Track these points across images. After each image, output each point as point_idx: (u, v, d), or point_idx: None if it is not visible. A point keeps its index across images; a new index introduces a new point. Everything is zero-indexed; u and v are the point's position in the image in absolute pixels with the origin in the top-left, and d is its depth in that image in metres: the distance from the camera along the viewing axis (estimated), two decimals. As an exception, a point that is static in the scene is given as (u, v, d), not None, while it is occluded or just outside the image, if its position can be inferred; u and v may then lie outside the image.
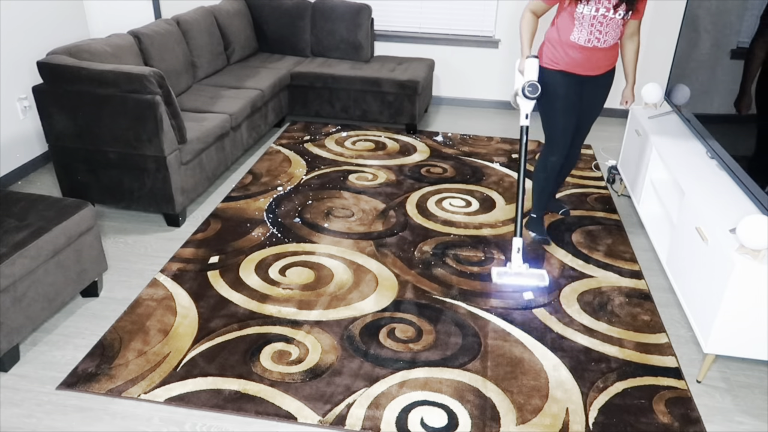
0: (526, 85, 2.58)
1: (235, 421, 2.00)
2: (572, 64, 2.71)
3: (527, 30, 2.70)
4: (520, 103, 2.70)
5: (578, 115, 2.88)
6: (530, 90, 2.58)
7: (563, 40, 2.67)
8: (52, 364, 2.23)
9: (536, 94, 2.59)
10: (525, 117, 2.71)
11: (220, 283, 2.69)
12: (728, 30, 2.63)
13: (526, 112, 2.71)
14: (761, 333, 2.06)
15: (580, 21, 2.59)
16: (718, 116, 2.66)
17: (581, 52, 2.67)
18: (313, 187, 3.60)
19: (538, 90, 2.59)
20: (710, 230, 2.19)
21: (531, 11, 2.69)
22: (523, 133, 2.72)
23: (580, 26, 2.60)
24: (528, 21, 2.69)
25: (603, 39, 2.64)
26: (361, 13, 4.57)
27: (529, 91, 2.59)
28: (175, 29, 3.84)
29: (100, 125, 2.92)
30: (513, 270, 2.73)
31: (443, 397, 2.09)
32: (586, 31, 2.61)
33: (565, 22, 2.64)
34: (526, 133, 2.72)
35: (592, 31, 2.60)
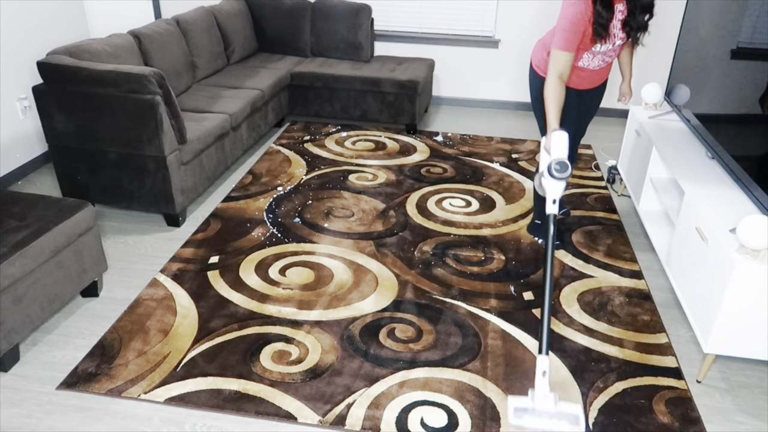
0: (554, 164, 2.06)
1: (235, 421, 2.00)
2: (577, 83, 2.68)
3: (557, 101, 2.35)
4: (546, 185, 2.14)
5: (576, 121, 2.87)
6: (558, 169, 2.06)
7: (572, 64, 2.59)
8: (52, 364, 2.23)
9: (566, 174, 2.07)
10: (552, 202, 2.13)
11: (220, 283, 2.69)
12: (728, 30, 2.63)
13: (554, 197, 2.12)
14: (761, 333, 2.06)
15: (593, 53, 2.54)
16: (718, 116, 2.66)
17: (589, 73, 2.65)
18: (313, 187, 3.60)
19: (569, 169, 2.07)
20: (710, 230, 2.19)
21: (559, 76, 2.37)
22: (551, 223, 2.11)
23: (591, 56, 2.55)
24: (558, 90, 2.36)
25: (609, 61, 2.64)
26: (361, 13, 4.57)
27: (557, 170, 2.06)
28: (175, 29, 3.84)
29: (100, 125, 2.92)
30: (537, 406, 1.89)
31: (443, 397, 2.09)
32: (598, 59, 2.58)
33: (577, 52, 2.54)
34: (553, 222, 2.11)
35: (604, 58, 2.59)
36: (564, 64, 2.38)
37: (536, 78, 2.76)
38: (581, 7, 2.33)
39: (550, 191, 2.14)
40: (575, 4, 2.33)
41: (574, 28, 2.35)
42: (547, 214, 2.13)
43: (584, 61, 2.58)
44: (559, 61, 2.38)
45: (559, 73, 2.38)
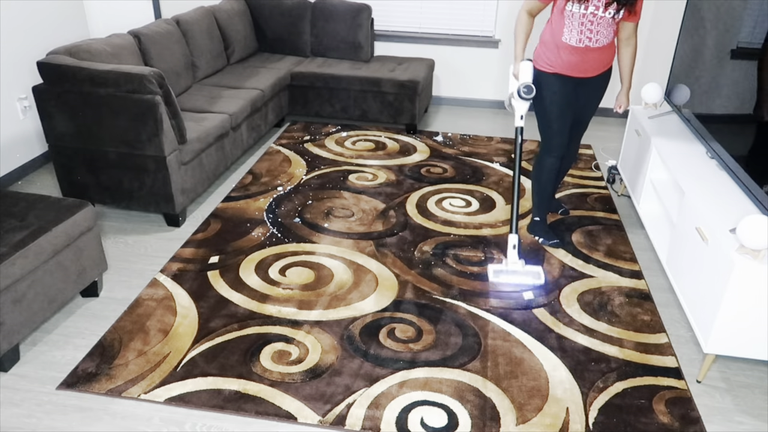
0: (521, 87, 2.65)
1: (235, 421, 2.00)
2: (566, 66, 2.70)
3: (522, 32, 2.72)
4: (515, 105, 2.76)
5: (574, 115, 2.88)
6: (525, 91, 2.65)
7: (556, 41, 2.67)
8: (52, 364, 2.23)
9: (531, 95, 2.65)
10: (520, 118, 2.76)
11: (220, 283, 2.69)
12: (728, 30, 2.63)
13: (521, 113, 2.76)
14: (761, 333, 2.06)
15: (570, 20, 2.58)
16: (718, 116, 2.66)
17: (574, 53, 2.66)
18: (313, 187, 3.60)
19: (533, 90, 2.65)
20: (710, 230, 2.19)
21: (526, 11, 2.70)
22: (518, 134, 2.77)
23: (570, 26, 2.59)
24: (523, 22, 2.71)
25: (594, 39, 2.61)
26: (361, 13, 4.57)
27: (524, 92, 2.65)
28: (175, 29, 3.84)
29: (100, 125, 2.92)
30: (509, 267, 2.74)
31: (443, 397, 2.09)
32: (576, 30, 2.59)
33: (558, 22, 2.64)
34: (520, 133, 2.77)
35: (582, 30, 2.59)
36: (532, 6, 2.68)
37: (535, 72, 2.80)
38: None
39: (518, 109, 2.77)
40: None
41: None
42: (516, 126, 2.78)
43: (566, 34, 2.63)
44: (530, 4, 2.68)
45: (526, 8, 2.69)
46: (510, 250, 2.76)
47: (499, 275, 2.72)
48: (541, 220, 3.07)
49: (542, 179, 2.97)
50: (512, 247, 2.75)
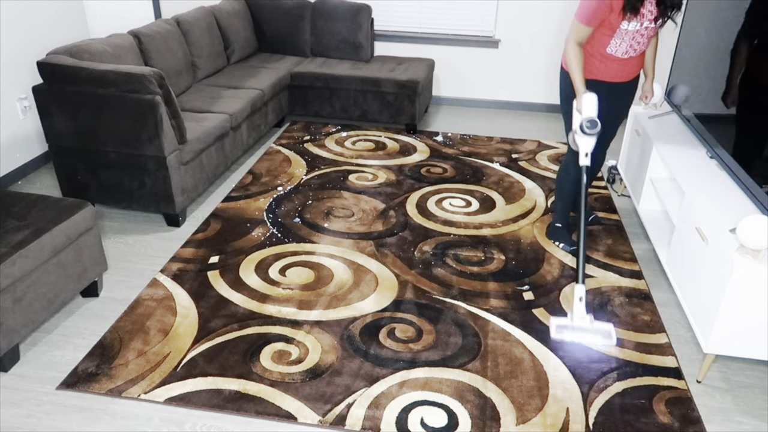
0: (585, 121, 2.42)
1: (235, 421, 2.00)
2: (606, 73, 2.65)
3: (578, 64, 2.52)
4: (579, 141, 2.50)
5: (604, 120, 2.82)
6: (589, 125, 2.41)
7: (598, 51, 2.59)
8: (52, 364, 2.23)
9: (596, 129, 2.41)
10: (585, 155, 2.50)
11: (220, 283, 2.69)
12: (728, 30, 2.63)
13: (585, 150, 2.49)
14: (761, 333, 2.06)
15: (622, 36, 2.52)
16: (718, 116, 2.66)
17: (616, 62, 2.61)
18: (313, 187, 3.60)
19: (597, 124, 2.41)
20: (710, 230, 2.19)
21: (577, 43, 2.52)
22: (584, 173, 2.51)
23: (620, 40, 2.53)
24: (577, 54, 2.52)
25: (639, 49, 2.60)
26: (361, 13, 4.57)
27: (588, 126, 2.41)
28: (175, 29, 3.84)
29: (100, 125, 2.92)
30: (575, 323, 2.39)
31: (443, 397, 2.09)
32: (626, 44, 2.55)
33: (602, 35, 2.55)
34: (586, 172, 2.51)
35: (632, 43, 2.55)
36: (582, 35, 2.51)
37: (562, 73, 2.74)
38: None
39: (583, 146, 2.50)
40: None
41: (599, 5, 2.41)
42: (581, 165, 2.51)
43: (612, 47, 2.56)
44: (579, 32, 2.51)
45: (576, 40, 2.52)
46: (576, 303, 2.39)
47: (563, 332, 2.38)
48: (562, 226, 3.02)
49: (568, 186, 2.92)
50: (578, 300, 2.38)
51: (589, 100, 2.47)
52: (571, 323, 2.40)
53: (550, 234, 3.08)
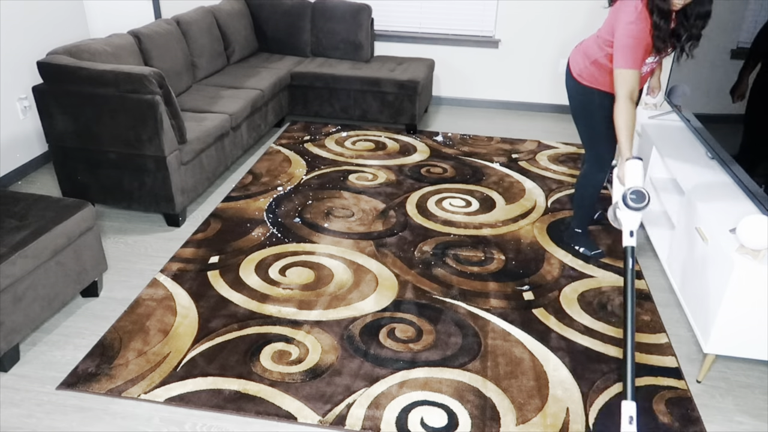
0: (629, 193, 1.98)
1: (235, 421, 2.00)
2: None
3: (630, 126, 2.25)
4: (622, 218, 2.06)
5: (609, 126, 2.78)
6: (634, 198, 1.98)
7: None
8: (52, 364, 2.23)
9: (643, 204, 1.97)
10: (630, 235, 2.03)
11: (220, 283, 2.69)
12: (728, 30, 2.63)
13: (630, 228, 2.03)
14: (761, 333, 2.06)
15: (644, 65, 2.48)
16: (718, 116, 2.66)
17: None
18: (313, 187, 3.60)
19: (646, 198, 1.98)
20: (710, 230, 2.19)
21: (630, 99, 2.27)
22: (628, 256, 2.01)
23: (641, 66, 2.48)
24: (631, 114, 2.25)
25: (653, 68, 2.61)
26: (361, 13, 4.57)
27: (633, 200, 1.98)
28: (175, 29, 3.84)
29: (100, 125, 2.92)
30: None
31: (443, 397, 2.09)
32: (646, 67, 2.54)
33: None
34: (631, 255, 2.01)
35: (651, 64, 2.55)
36: (633, 82, 2.29)
37: (578, 87, 2.66)
38: (644, 24, 2.28)
39: (627, 223, 2.04)
40: (638, 22, 2.27)
41: (639, 46, 2.30)
42: (624, 246, 2.04)
43: None
44: (628, 80, 2.28)
45: (628, 93, 2.28)
46: (625, 425, 1.81)
47: None
48: (583, 231, 2.99)
49: (588, 193, 2.87)
50: (628, 421, 1.80)
51: (635, 167, 2.10)
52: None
53: (570, 239, 3.03)
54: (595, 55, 2.56)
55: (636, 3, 2.30)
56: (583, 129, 2.76)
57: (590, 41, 2.63)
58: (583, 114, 2.71)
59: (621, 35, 2.32)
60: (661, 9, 2.27)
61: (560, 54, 4.79)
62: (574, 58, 2.69)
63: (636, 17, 2.28)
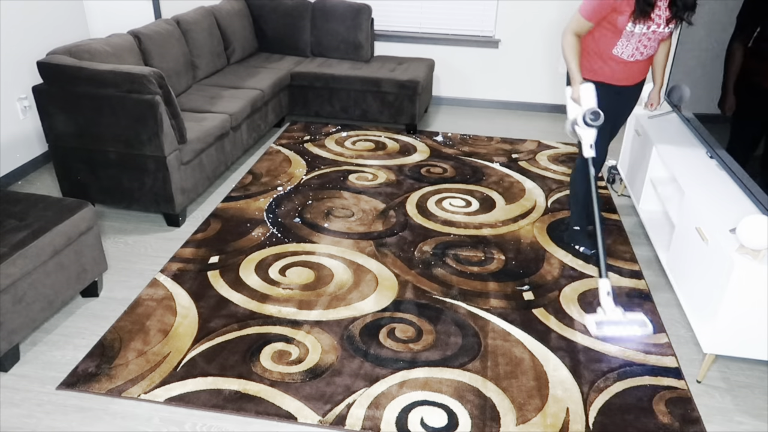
0: (588, 113, 2.39)
1: (235, 421, 2.00)
2: (611, 76, 2.63)
3: (574, 53, 2.53)
4: (581, 133, 2.50)
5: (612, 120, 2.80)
6: (592, 117, 2.39)
7: (603, 52, 2.58)
8: (52, 364, 2.23)
9: (599, 121, 2.39)
10: (590, 147, 2.51)
11: (220, 283, 2.69)
12: (728, 30, 2.63)
13: (590, 141, 2.50)
14: (761, 333, 2.06)
15: (628, 37, 2.50)
16: (718, 116, 2.66)
17: (622, 65, 2.59)
18: (313, 187, 3.60)
19: (600, 116, 2.39)
20: (710, 230, 2.19)
21: (575, 33, 2.53)
22: (590, 165, 2.52)
23: (626, 42, 2.51)
24: (574, 44, 2.53)
25: (646, 52, 2.58)
26: (361, 13, 4.57)
27: (591, 118, 2.39)
28: (175, 29, 3.84)
29: (100, 125, 2.92)
30: (609, 318, 2.36)
31: (443, 397, 2.09)
32: (632, 46, 2.53)
33: (607, 36, 2.53)
34: (593, 164, 2.53)
35: (638, 46, 2.53)
36: (581, 28, 2.52)
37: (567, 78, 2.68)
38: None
39: (586, 137, 2.50)
40: None
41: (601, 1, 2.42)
42: (586, 156, 2.51)
43: (618, 48, 2.54)
44: (578, 24, 2.52)
45: (574, 30, 2.53)
46: (604, 297, 2.39)
47: (603, 328, 2.34)
48: (580, 229, 3.00)
49: (581, 189, 2.89)
50: (606, 294, 2.38)
51: (588, 90, 2.48)
52: (605, 318, 2.36)
53: (569, 238, 3.04)
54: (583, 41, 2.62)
55: None
56: None
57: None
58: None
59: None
60: None
61: (560, 54, 4.79)
62: None
63: None
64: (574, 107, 2.56)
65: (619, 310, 2.38)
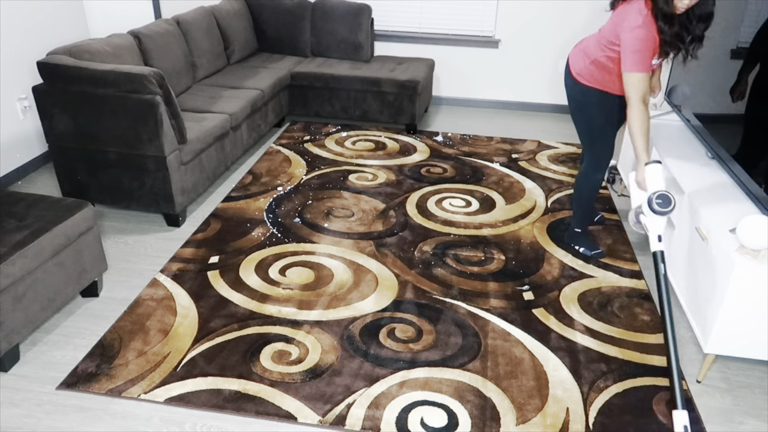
0: (654, 197, 2.05)
1: (235, 421, 2.00)
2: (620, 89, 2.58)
3: (645, 130, 2.25)
4: (648, 223, 2.13)
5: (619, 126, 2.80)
6: (660, 202, 2.05)
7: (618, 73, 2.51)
8: (52, 364, 2.23)
9: (670, 208, 2.05)
10: (658, 240, 2.11)
11: (220, 283, 2.69)
12: (728, 30, 2.63)
13: (658, 233, 2.12)
14: (761, 333, 2.06)
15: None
16: (718, 116, 2.66)
17: None
18: (313, 187, 3.60)
19: (672, 202, 2.06)
20: (710, 230, 2.19)
21: (643, 101, 2.27)
22: (659, 261, 2.11)
23: None
24: (645, 118, 2.26)
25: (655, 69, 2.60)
26: (361, 13, 4.57)
27: (659, 204, 2.05)
28: (175, 29, 3.84)
29: (100, 125, 2.92)
30: None
31: (443, 397, 2.09)
32: None
33: None
34: (662, 260, 2.10)
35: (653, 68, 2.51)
36: (644, 85, 2.30)
37: (577, 86, 2.66)
38: (651, 27, 2.28)
39: (653, 227, 2.11)
40: (645, 26, 2.28)
41: (648, 50, 2.31)
42: (653, 251, 2.11)
43: None
44: (639, 83, 2.30)
45: (641, 96, 2.29)
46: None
47: None
48: (582, 231, 2.99)
49: (587, 193, 2.87)
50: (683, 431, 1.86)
51: (656, 171, 2.14)
52: None
53: (570, 239, 3.03)
54: (595, 54, 2.56)
55: (640, 7, 2.30)
56: (582, 128, 2.76)
57: (590, 41, 2.63)
58: (581, 113, 2.71)
59: (629, 39, 2.32)
60: (665, 13, 2.27)
61: (560, 54, 4.79)
62: (574, 57, 2.69)
63: (642, 21, 2.28)
64: (638, 193, 2.25)
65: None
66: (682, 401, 1.87)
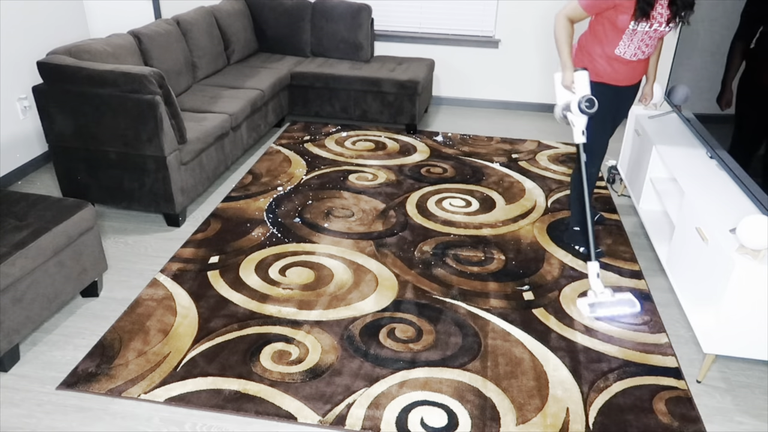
0: (583, 100, 2.46)
1: (235, 421, 2.00)
2: (615, 77, 2.63)
3: (567, 39, 2.53)
4: (574, 120, 2.56)
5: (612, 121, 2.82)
6: (587, 105, 2.46)
7: (607, 53, 2.58)
8: (52, 364, 2.23)
9: (594, 108, 2.46)
10: (582, 133, 2.58)
11: (220, 283, 2.69)
12: (728, 29, 2.63)
13: (581, 128, 2.57)
14: (761, 333, 2.06)
15: (630, 36, 2.50)
16: (718, 116, 2.67)
17: (624, 65, 2.60)
18: (313, 187, 3.60)
19: (595, 103, 2.46)
20: (710, 230, 2.19)
21: (568, 18, 2.52)
22: (581, 151, 2.61)
23: (628, 41, 2.51)
24: (566, 28, 2.52)
25: (647, 51, 2.58)
26: (361, 13, 4.57)
27: (587, 105, 2.46)
28: (175, 29, 3.84)
29: (100, 125, 2.92)
30: (599, 299, 2.53)
31: (443, 397, 2.09)
32: (634, 45, 2.53)
33: (609, 35, 2.54)
34: (584, 150, 2.62)
35: (640, 45, 2.53)
36: (576, 15, 2.51)
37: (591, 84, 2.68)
38: None
39: (578, 124, 2.57)
40: None
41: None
42: (577, 143, 2.59)
43: (621, 48, 2.55)
44: (573, 11, 2.51)
45: (568, 15, 2.52)
46: (593, 279, 2.55)
47: (596, 310, 2.50)
48: (581, 230, 2.99)
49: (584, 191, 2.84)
50: (596, 276, 2.55)
51: (583, 77, 2.52)
52: (596, 299, 2.53)
53: (569, 238, 3.03)
54: (586, 46, 2.63)
55: None
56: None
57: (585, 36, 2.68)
58: None
59: None
60: None
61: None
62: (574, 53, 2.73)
63: None
64: (564, 93, 2.61)
65: (608, 291, 2.55)
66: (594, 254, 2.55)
